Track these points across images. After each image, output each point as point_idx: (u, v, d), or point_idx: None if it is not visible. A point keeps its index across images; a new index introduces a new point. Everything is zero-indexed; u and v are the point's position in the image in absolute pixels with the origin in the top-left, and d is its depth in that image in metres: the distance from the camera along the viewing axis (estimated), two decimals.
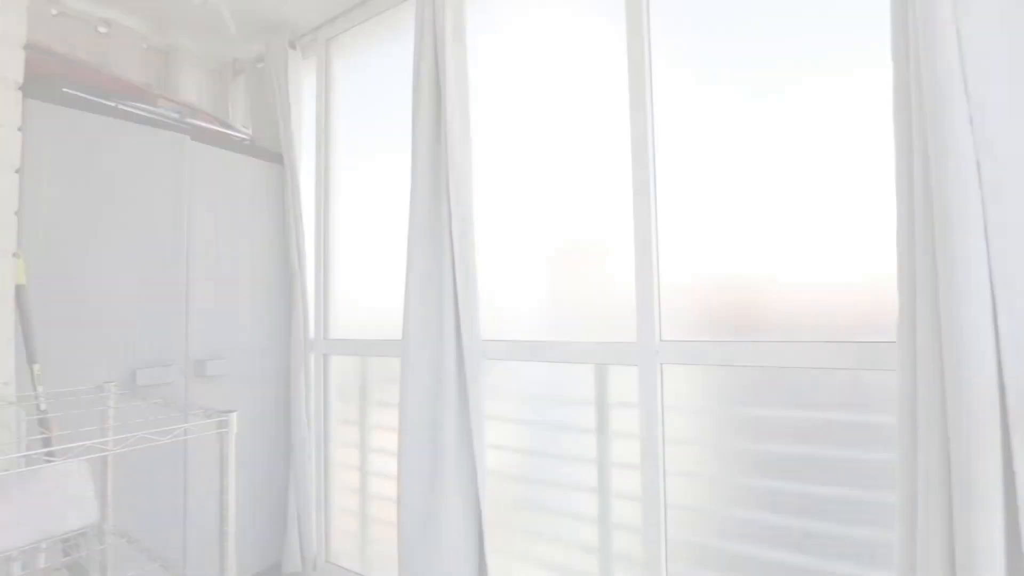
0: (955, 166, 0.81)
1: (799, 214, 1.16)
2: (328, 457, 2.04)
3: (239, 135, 2.11)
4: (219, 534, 0.84)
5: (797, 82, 1.17)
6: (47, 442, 1.22)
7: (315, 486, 2.02)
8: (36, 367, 1.28)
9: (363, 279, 1.97)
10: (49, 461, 1.11)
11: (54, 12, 1.94)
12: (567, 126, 1.50)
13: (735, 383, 1.22)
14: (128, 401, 1.35)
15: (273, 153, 2.10)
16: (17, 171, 1.37)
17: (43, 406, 1.27)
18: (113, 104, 1.63)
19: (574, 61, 1.49)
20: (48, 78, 1.51)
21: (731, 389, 1.23)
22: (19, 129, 1.36)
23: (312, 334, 2.07)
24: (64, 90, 1.51)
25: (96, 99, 1.59)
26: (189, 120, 1.86)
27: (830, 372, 1.12)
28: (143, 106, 1.72)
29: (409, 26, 1.86)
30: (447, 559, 1.47)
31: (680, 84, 1.32)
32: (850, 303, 1.11)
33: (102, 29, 2.04)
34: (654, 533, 1.29)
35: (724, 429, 1.23)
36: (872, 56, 1.09)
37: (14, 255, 1.32)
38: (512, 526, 1.55)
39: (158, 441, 0.86)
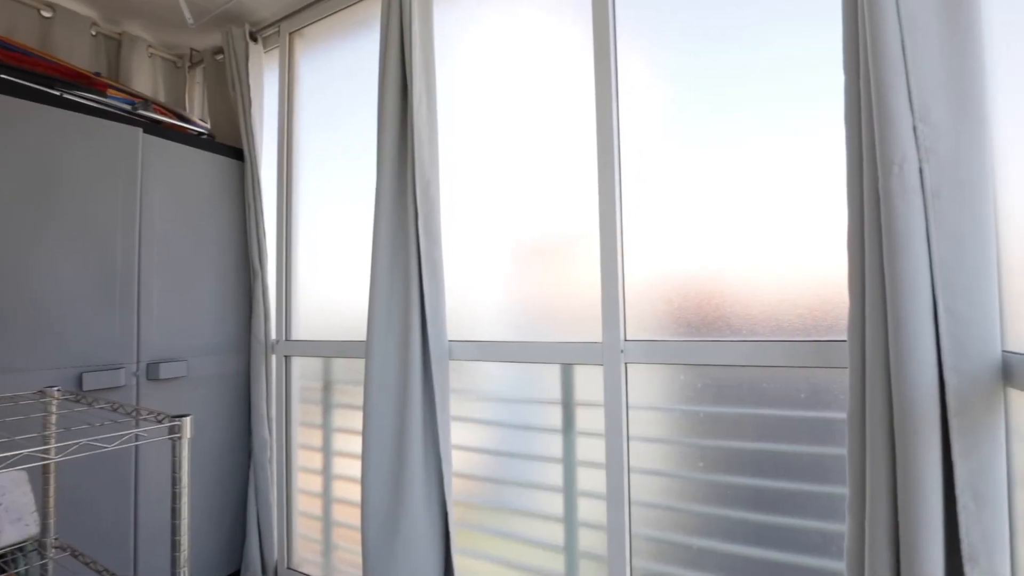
0: (900, 174, 0.85)
1: (757, 218, 1.20)
2: (290, 461, 1.98)
3: (197, 129, 2.04)
4: (171, 544, 0.80)
5: (760, 88, 1.21)
6: None
7: (276, 491, 1.97)
8: None
9: (327, 279, 1.93)
10: None
11: None
12: (534, 125, 1.50)
13: (697, 381, 1.25)
14: (73, 407, 1.28)
15: (233, 148, 2.03)
16: None
17: None
18: (58, 93, 1.54)
19: (541, 60, 1.50)
20: None
21: (693, 387, 1.26)
22: None
23: (273, 335, 2.01)
24: (1, 76, 1.43)
25: (38, 87, 1.50)
26: (142, 112, 1.78)
27: (786, 370, 1.15)
28: (91, 96, 1.64)
29: (376, 22, 1.83)
30: (412, 562, 1.45)
31: (646, 86, 1.34)
32: (805, 304, 1.15)
33: (46, 13, 1.93)
34: (618, 530, 1.31)
35: (686, 426, 1.26)
36: (830, 65, 1.13)
37: None
38: (479, 527, 1.54)
39: (104, 448, 0.81)
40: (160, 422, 0.82)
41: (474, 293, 1.58)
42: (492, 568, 1.51)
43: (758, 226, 1.20)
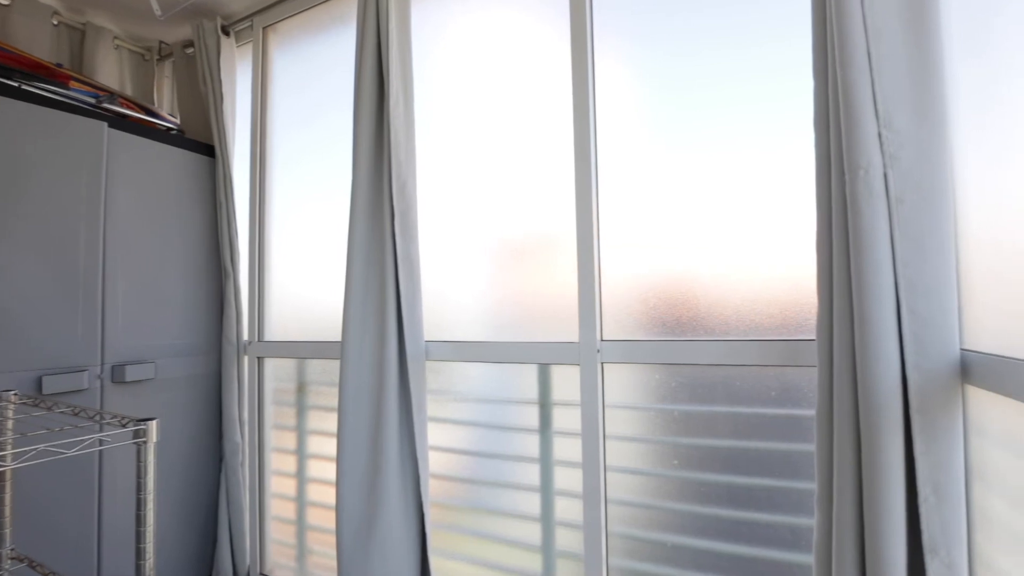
0: (865, 178, 0.88)
1: (731, 220, 1.22)
2: (263, 465, 1.94)
3: (166, 124, 1.98)
4: (135, 552, 0.78)
5: (735, 91, 1.23)
6: None
7: (248, 495, 1.93)
8: None
9: (301, 279, 1.90)
10: None
11: None
12: (512, 125, 1.50)
13: (671, 380, 1.27)
14: (31, 411, 1.23)
15: (204, 144, 1.98)
16: None
17: None
18: (16, 84, 1.48)
19: (520, 59, 1.50)
20: None
21: (668, 386, 1.27)
22: None
23: (246, 336, 1.97)
24: None
25: None
26: (107, 105, 1.72)
27: (758, 368, 1.18)
28: (52, 88, 1.58)
29: (352, 18, 1.81)
30: (388, 564, 1.44)
31: (623, 86, 1.35)
32: (776, 304, 1.17)
33: (3, 0, 1.85)
34: (594, 529, 1.32)
35: (661, 425, 1.28)
36: (803, 70, 1.16)
37: None
38: (456, 528, 1.54)
39: (64, 454, 0.78)
40: (124, 426, 0.80)
41: (452, 293, 1.57)
42: (469, 569, 1.51)
43: (731, 228, 1.22)
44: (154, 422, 0.79)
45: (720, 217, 1.23)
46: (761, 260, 1.19)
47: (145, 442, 0.78)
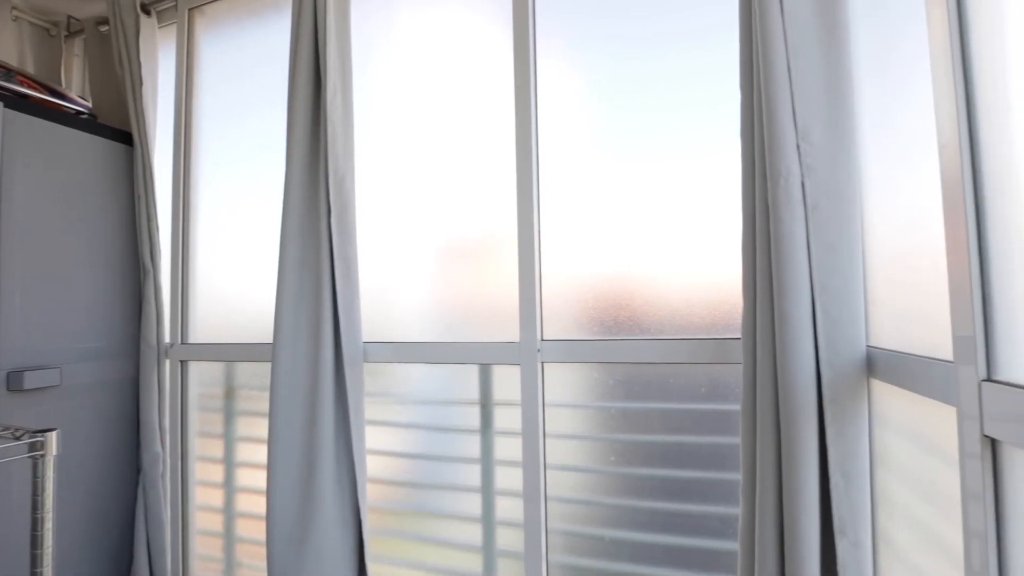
0: (785, 186, 0.94)
1: (665, 224, 1.27)
2: (187, 475, 1.82)
3: (75, 107, 1.81)
4: None
5: (670, 98, 1.28)
6: None
7: (170, 509, 1.80)
8: None
9: (230, 277, 1.79)
10: None
11: None
12: (456, 125, 1.49)
13: (609, 379, 1.30)
14: None
15: (121, 132, 1.83)
16: None
17: None
18: None
19: (464, 59, 1.49)
20: None
21: (605, 384, 1.30)
22: None
23: (167, 338, 1.84)
24: None
25: None
26: (3, 83, 1.56)
27: (690, 366, 1.23)
28: None
29: (287, 6, 1.73)
30: (323, 573, 1.38)
31: (564, 90, 1.37)
32: (707, 304, 1.23)
33: None
34: (534, 527, 1.33)
35: (599, 422, 1.31)
36: (734, 81, 1.22)
37: None
38: (396, 532, 1.50)
39: None
40: (18, 438, 0.72)
41: (393, 293, 1.54)
42: (409, 573, 1.48)
43: (665, 231, 1.27)
44: (53, 433, 0.72)
45: (655, 220, 1.28)
46: (693, 262, 1.24)
47: (43, 456, 0.71)
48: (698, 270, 1.24)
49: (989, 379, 0.54)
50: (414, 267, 1.52)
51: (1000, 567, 0.52)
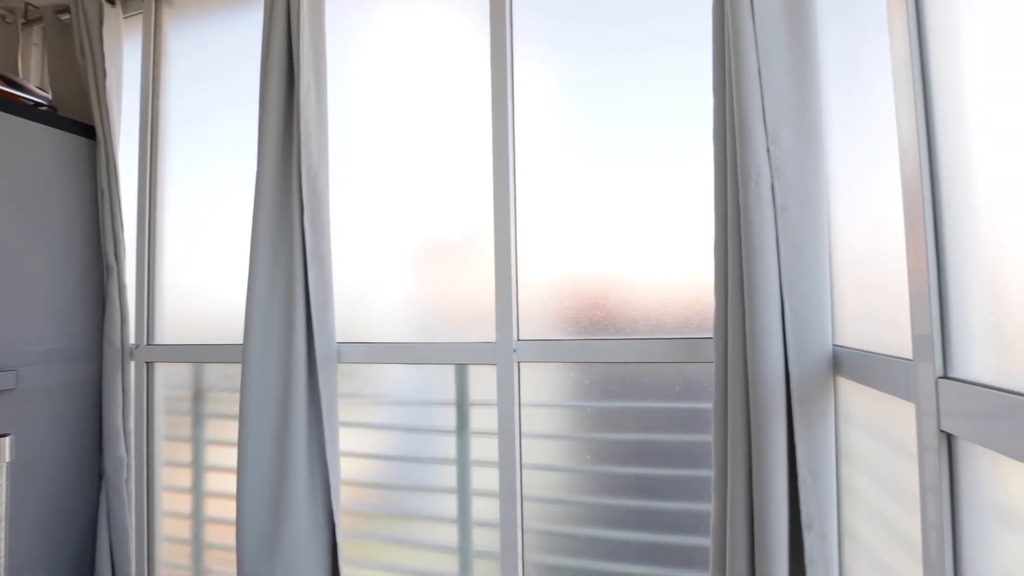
0: (756, 189, 0.96)
1: (639, 225, 1.28)
2: (152, 480, 1.77)
3: (34, 99, 1.74)
4: None
5: (645, 101, 1.29)
6: None
7: (135, 515, 1.74)
8: None
9: (200, 276, 1.74)
10: None
11: None
12: (434, 125, 1.48)
13: (584, 378, 1.31)
14: None
15: (83, 125, 1.76)
16: None
17: None
18: None
19: (442, 58, 1.48)
20: None
21: (581, 384, 1.31)
22: None
23: (132, 339, 1.78)
24: None
25: None
26: None
27: (664, 365, 1.25)
28: None
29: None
30: None
31: (541, 91, 1.38)
32: (680, 304, 1.25)
33: None
34: (510, 526, 1.33)
35: (575, 421, 1.31)
36: (707, 84, 1.24)
37: None
38: (371, 535, 1.49)
39: None
40: None
41: (368, 293, 1.52)
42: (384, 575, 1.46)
43: (640, 233, 1.28)
44: (7, 439, 0.69)
45: (631, 222, 1.29)
46: (667, 263, 1.26)
47: None
48: (672, 271, 1.26)
49: (945, 376, 0.56)
50: (390, 267, 1.50)
51: (955, 557, 0.54)
